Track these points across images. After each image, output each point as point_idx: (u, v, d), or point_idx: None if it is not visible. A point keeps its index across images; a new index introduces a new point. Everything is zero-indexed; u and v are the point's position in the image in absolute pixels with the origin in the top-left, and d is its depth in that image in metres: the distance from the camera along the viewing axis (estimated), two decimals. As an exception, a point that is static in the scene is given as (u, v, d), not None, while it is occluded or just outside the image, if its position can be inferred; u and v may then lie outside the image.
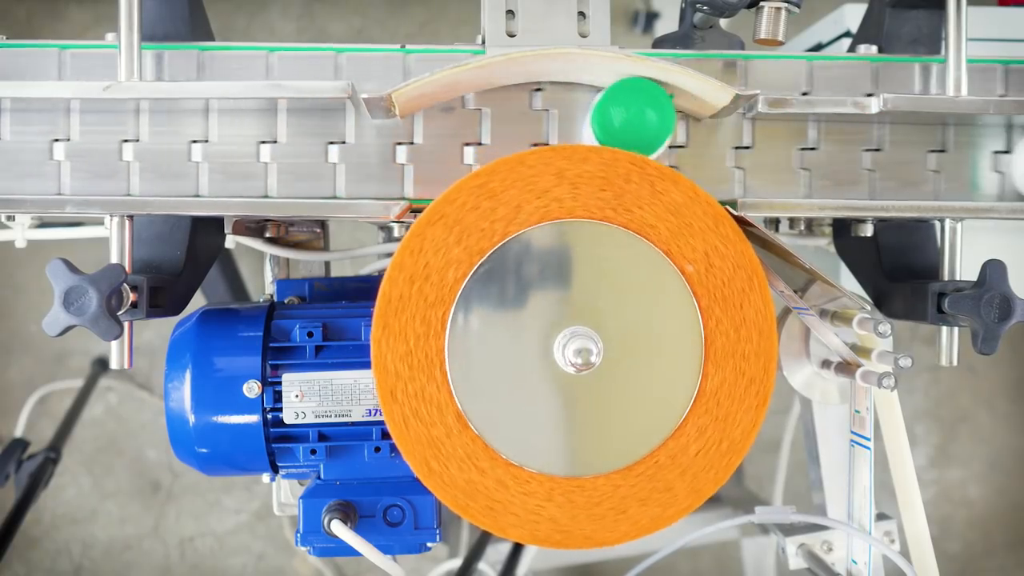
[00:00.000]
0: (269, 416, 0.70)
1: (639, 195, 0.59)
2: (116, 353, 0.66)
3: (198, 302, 0.76)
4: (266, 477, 0.75)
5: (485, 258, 0.59)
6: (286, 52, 0.69)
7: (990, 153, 0.73)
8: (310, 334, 0.71)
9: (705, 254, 0.60)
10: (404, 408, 0.59)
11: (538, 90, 0.69)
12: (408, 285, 0.59)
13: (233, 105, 0.68)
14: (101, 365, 1.55)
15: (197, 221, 0.73)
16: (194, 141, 0.68)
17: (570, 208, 0.59)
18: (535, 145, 0.69)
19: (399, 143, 0.69)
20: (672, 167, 0.69)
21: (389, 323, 0.59)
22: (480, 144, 0.69)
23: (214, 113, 0.68)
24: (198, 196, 0.68)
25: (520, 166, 0.59)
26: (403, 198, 0.69)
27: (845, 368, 0.76)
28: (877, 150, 0.72)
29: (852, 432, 0.78)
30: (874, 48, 0.73)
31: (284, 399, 0.69)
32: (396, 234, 0.90)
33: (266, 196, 0.68)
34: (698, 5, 0.69)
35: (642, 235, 0.60)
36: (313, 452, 0.71)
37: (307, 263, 0.86)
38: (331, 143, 0.69)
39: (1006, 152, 0.72)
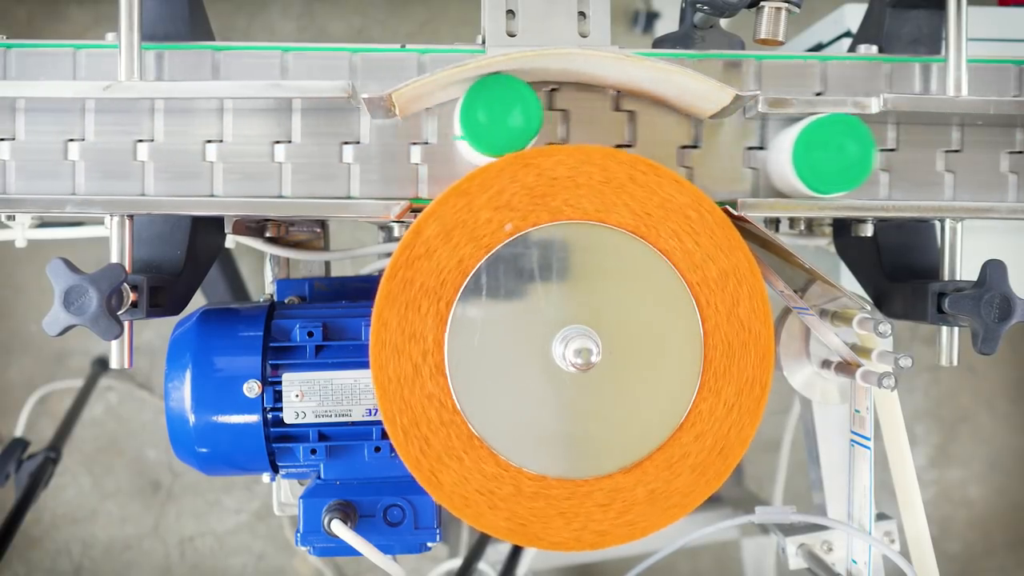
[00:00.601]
0: (269, 416, 0.70)
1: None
2: (116, 353, 0.66)
3: (198, 302, 0.76)
4: (266, 477, 0.75)
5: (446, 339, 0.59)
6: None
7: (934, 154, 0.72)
8: (310, 334, 0.71)
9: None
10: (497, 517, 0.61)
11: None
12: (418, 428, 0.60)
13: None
14: (101, 365, 1.55)
15: (197, 221, 0.73)
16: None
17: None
18: None
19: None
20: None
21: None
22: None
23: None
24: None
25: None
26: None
27: (845, 368, 0.76)
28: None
29: (852, 432, 0.78)
30: (874, 48, 0.73)
31: (284, 399, 0.69)
32: (396, 234, 0.90)
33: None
34: (698, 5, 0.69)
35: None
36: (313, 452, 0.71)
37: (307, 263, 0.86)
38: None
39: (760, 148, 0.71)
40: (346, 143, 0.68)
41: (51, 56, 0.68)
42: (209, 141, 0.68)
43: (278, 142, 0.68)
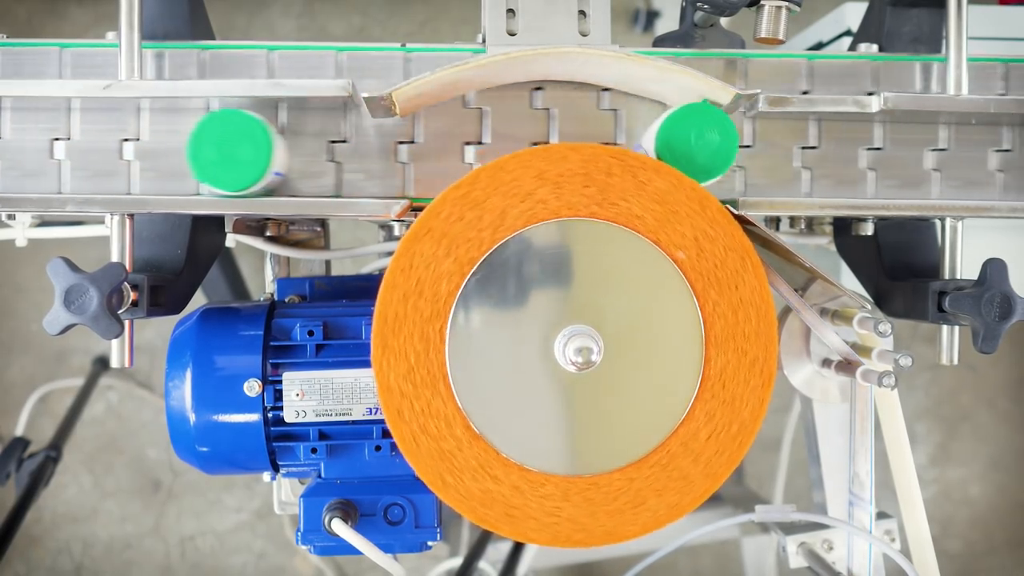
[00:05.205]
0: (270, 415, 0.70)
1: (623, 187, 0.59)
2: (117, 352, 0.66)
3: (199, 301, 0.76)
4: (267, 476, 0.75)
5: (476, 267, 0.59)
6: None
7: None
8: (311, 333, 0.71)
9: (695, 239, 0.60)
10: (412, 426, 0.59)
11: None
12: (403, 303, 0.59)
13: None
14: (102, 364, 1.55)
15: (198, 220, 0.73)
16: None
17: (555, 208, 0.59)
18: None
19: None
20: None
21: (388, 343, 0.59)
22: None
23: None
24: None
25: (500, 172, 0.59)
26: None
27: (845, 367, 0.76)
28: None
29: (851, 491, 0.78)
30: (875, 47, 0.73)
31: (285, 398, 0.69)
32: (396, 232, 0.90)
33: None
34: (699, 4, 0.69)
35: (630, 227, 0.59)
36: (314, 451, 0.71)
37: (308, 262, 0.86)
38: None
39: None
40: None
41: (52, 55, 0.68)
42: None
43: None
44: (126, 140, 0.68)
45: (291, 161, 0.69)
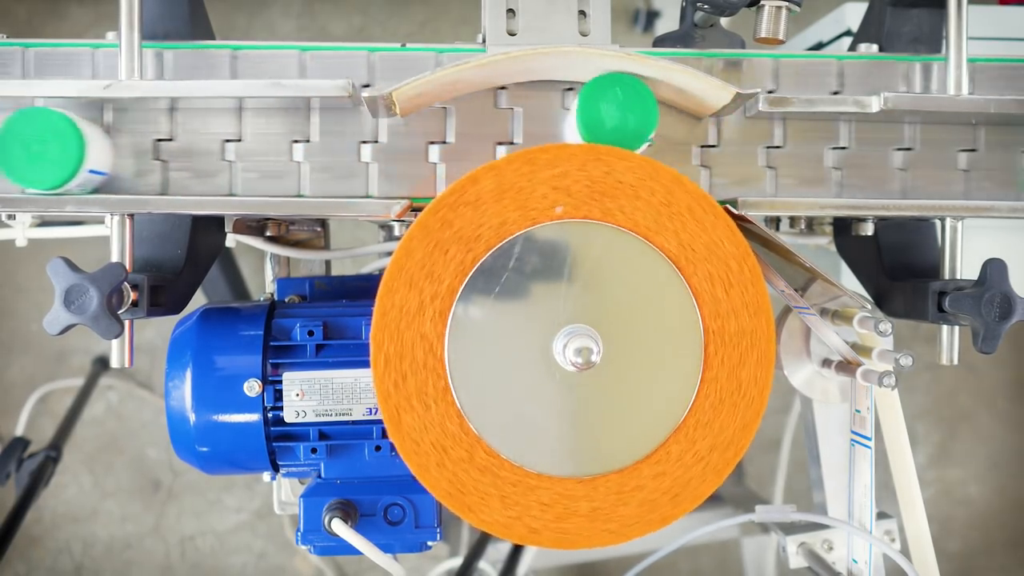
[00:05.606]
0: (270, 415, 0.70)
1: (473, 219, 0.59)
2: (117, 352, 0.66)
3: (199, 301, 0.76)
4: (267, 476, 0.75)
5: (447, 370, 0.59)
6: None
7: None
8: (311, 333, 0.71)
9: (554, 188, 0.60)
10: (510, 514, 0.60)
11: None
12: (406, 410, 0.59)
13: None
14: (102, 364, 1.55)
15: (198, 220, 0.73)
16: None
17: (451, 287, 0.59)
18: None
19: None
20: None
21: (431, 474, 0.60)
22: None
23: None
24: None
25: (389, 296, 0.59)
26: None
27: (846, 367, 0.76)
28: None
29: (852, 432, 0.78)
30: (875, 47, 0.73)
31: (285, 398, 0.69)
32: (396, 232, 0.90)
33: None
34: (699, 4, 0.69)
35: (509, 233, 0.60)
36: (314, 451, 0.71)
37: (308, 262, 0.87)
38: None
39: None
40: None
41: (52, 55, 0.68)
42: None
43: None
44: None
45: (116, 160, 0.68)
